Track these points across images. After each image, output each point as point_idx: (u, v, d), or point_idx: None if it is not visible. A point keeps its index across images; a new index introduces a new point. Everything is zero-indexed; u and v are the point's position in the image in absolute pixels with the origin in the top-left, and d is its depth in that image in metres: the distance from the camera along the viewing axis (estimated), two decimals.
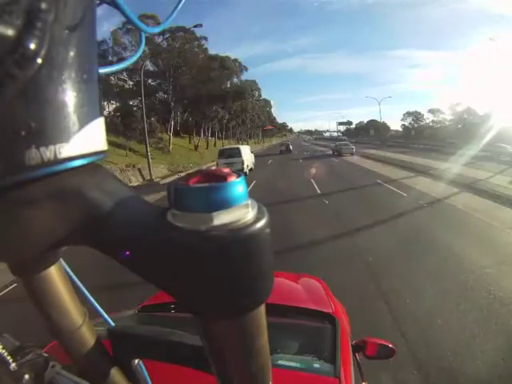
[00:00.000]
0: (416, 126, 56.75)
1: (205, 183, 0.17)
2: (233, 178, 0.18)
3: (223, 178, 0.18)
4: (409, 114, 58.79)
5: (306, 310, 1.40)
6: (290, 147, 34.79)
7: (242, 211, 0.17)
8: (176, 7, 0.36)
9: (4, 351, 0.29)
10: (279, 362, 1.01)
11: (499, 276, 3.79)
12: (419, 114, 57.55)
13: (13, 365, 0.28)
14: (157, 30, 0.32)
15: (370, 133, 70.62)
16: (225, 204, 0.17)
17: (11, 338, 0.35)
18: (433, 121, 54.67)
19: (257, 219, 0.18)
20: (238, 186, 0.18)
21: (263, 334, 0.21)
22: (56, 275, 0.28)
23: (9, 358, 0.28)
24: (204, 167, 0.20)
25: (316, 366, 1.03)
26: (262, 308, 0.20)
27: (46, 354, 0.34)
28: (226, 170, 0.19)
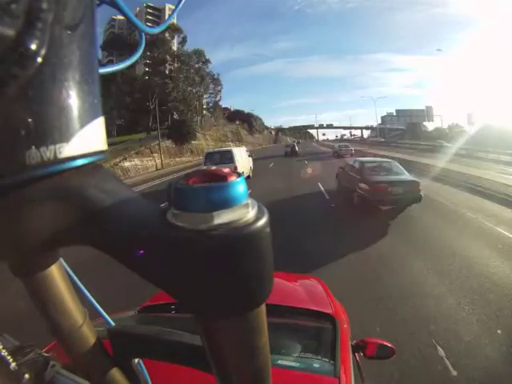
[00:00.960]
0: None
1: (205, 183, 0.17)
2: (233, 178, 0.18)
3: (223, 178, 0.18)
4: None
5: (306, 311, 1.40)
6: (296, 148, 30.03)
7: (242, 211, 0.17)
8: (176, 7, 0.36)
9: (4, 351, 0.29)
10: (279, 361, 1.01)
11: None
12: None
13: (13, 364, 0.28)
14: (157, 30, 0.32)
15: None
16: (225, 203, 0.17)
17: (11, 338, 0.35)
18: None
19: (257, 219, 0.18)
20: (238, 186, 0.18)
21: (263, 334, 0.21)
22: (56, 275, 0.28)
23: (9, 357, 0.28)
24: None
25: (316, 365, 1.03)
26: (263, 308, 0.20)
27: (46, 354, 0.34)
28: (226, 170, 0.19)
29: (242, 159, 12.91)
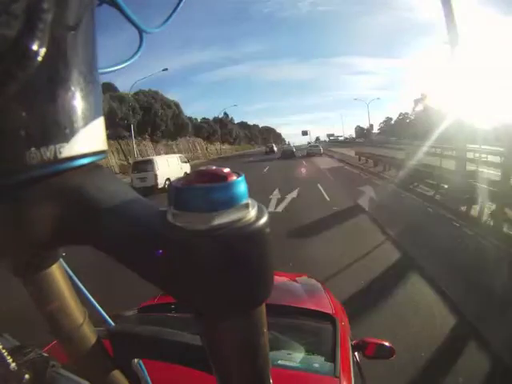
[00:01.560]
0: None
1: (205, 183, 0.17)
2: (233, 178, 0.18)
3: (224, 178, 0.18)
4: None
5: (306, 310, 1.40)
6: (275, 149, 38.40)
7: (242, 211, 0.17)
8: (176, 7, 0.36)
9: (4, 351, 0.28)
10: (279, 361, 1.01)
11: None
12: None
13: (13, 365, 0.28)
14: (157, 30, 0.32)
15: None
16: (225, 204, 0.17)
17: (11, 338, 0.35)
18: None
19: (257, 218, 0.18)
20: (238, 186, 0.18)
21: (263, 334, 0.21)
22: (56, 275, 0.28)
23: (9, 357, 0.28)
24: None
25: (316, 365, 1.03)
26: (263, 308, 0.20)
27: (46, 354, 0.34)
28: (227, 170, 0.19)
29: (169, 166, 13.24)
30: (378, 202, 7.55)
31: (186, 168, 14.93)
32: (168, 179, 12.33)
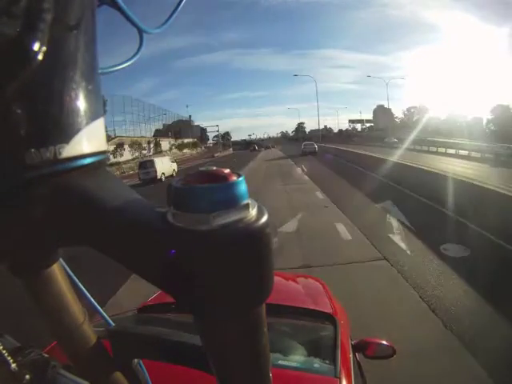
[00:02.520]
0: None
1: (205, 183, 0.17)
2: (233, 178, 0.18)
3: (224, 178, 0.18)
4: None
5: (306, 310, 1.40)
6: (256, 148, 48.88)
7: (242, 211, 0.17)
8: (176, 8, 0.36)
9: (5, 351, 0.28)
10: (279, 362, 1.01)
11: None
12: None
13: (13, 365, 0.28)
14: (158, 30, 0.32)
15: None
16: (225, 204, 0.17)
17: (12, 339, 0.35)
18: None
19: (257, 219, 0.18)
20: (238, 186, 0.18)
21: (263, 334, 0.21)
22: (56, 275, 0.28)
23: (9, 358, 0.28)
24: None
25: (316, 366, 1.03)
26: (263, 308, 0.20)
27: (46, 355, 0.34)
28: (227, 170, 0.18)
29: (163, 164, 18.81)
30: None
31: (174, 166, 21.09)
32: (163, 173, 18.09)
